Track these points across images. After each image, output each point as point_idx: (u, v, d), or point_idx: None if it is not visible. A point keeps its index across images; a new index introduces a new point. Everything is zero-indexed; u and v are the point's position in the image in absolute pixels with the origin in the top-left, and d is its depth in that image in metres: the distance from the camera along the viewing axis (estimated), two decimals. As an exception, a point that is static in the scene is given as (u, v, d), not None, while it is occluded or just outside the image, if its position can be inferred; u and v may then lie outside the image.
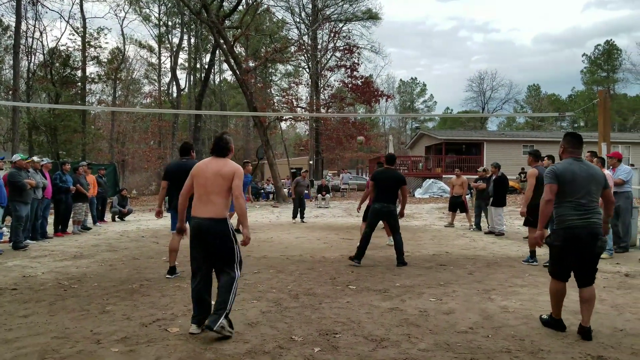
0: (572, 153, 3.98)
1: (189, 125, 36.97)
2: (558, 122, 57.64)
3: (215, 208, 3.83)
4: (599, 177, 3.90)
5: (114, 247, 8.86)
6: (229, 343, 3.65)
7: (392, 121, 66.23)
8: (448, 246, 9.02)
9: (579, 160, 3.91)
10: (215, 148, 4.00)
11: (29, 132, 28.25)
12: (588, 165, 3.93)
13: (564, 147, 4.03)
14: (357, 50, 33.44)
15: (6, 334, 3.85)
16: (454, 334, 3.89)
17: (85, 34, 31.62)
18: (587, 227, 3.75)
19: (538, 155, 7.53)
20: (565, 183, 3.80)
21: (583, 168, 3.87)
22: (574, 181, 3.80)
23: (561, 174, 3.83)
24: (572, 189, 3.80)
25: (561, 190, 3.82)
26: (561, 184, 3.81)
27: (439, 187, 25.25)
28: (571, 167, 3.85)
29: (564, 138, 4.06)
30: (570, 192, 3.80)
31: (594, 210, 3.82)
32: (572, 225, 3.76)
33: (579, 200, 3.79)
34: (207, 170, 3.89)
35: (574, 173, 3.82)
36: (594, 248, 3.78)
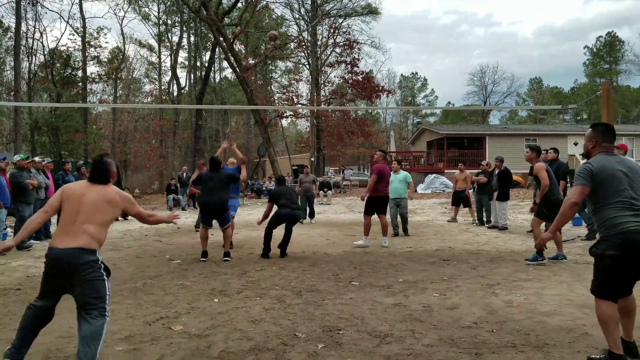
0: (605, 147, 3.36)
1: (190, 124, 36.97)
2: (561, 115, 57.51)
3: (86, 238, 3.18)
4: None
5: (117, 246, 8.87)
6: (232, 340, 3.65)
7: (393, 116, 66.17)
8: (451, 241, 9.00)
9: (614, 155, 3.33)
10: (94, 174, 3.38)
11: (31, 132, 28.28)
12: (624, 159, 3.39)
13: (595, 140, 3.38)
14: (357, 45, 33.30)
15: (11, 334, 3.84)
16: (458, 329, 3.88)
17: (85, 34, 31.58)
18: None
19: (539, 150, 7.31)
20: (605, 182, 3.20)
21: (623, 162, 3.30)
22: (618, 177, 3.19)
23: (599, 172, 3.21)
24: (616, 187, 3.18)
25: (602, 191, 3.21)
26: (599, 184, 3.22)
27: (441, 182, 25.21)
28: (609, 163, 3.24)
29: (594, 130, 3.43)
30: (614, 192, 3.18)
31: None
32: (630, 230, 3.08)
33: (629, 200, 3.16)
34: (85, 196, 3.27)
35: (614, 169, 3.22)
36: None
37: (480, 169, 11.98)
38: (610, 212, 3.17)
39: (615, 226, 3.12)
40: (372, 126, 46.11)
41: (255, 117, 24.14)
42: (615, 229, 3.12)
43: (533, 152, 7.11)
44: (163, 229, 11.64)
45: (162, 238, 9.99)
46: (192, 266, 6.72)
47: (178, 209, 17.65)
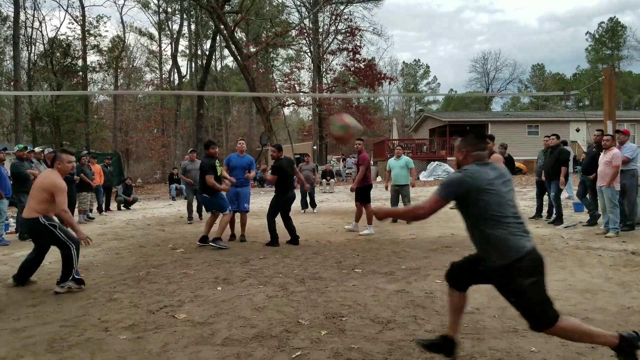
0: (477, 157, 2.92)
1: (192, 113, 36.88)
2: (563, 102, 57.16)
3: (27, 210, 4.95)
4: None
5: (120, 235, 8.90)
6: (236, 328, 3.67)
7: (395, 104, 65.88)
8: (454, 228, 8.99)
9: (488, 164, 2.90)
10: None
11: (32, 122, 28.26)
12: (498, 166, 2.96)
13: (466, 150, 2.95)
14: (359, 32, 33.12)
15: (15, 324, 3.88)
16: (461, 315, 3.88)
17: (84, 22, 31.40)
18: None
19: (493, 138, 6.86)
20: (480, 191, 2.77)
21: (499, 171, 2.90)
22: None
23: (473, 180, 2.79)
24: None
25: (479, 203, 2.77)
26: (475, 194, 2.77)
27: (443, 170, 25.16)
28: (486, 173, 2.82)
29: (462, 140, 3.02)
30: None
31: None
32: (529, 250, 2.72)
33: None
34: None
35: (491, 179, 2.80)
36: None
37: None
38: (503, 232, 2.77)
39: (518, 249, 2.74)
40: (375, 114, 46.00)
41: (257, 105, 24.09)
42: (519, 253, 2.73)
43: (491, 141, 6.62)
44: (166, 218, 11.67)
45: (165, 227, 10.02)
46: (195, 255, 6.74)
47: (181, 198, 17.67)
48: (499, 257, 2.75)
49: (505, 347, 3.21)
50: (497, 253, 2.75)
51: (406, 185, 10.04)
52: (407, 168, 10.07)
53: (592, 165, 8.26)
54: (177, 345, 3.35)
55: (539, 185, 9.87)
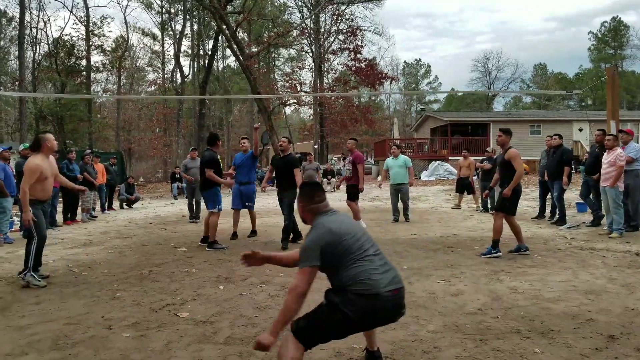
0: (319, 208, 2.76)
1: (194, 112, 36.91)
2: (565, 101, 57.07)
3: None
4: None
5: (122, 234, 8.92)
6: (238, 327, 3.67)
7: (396, 104, 65.85)
8: (455, 228, 9.00)
9: (333, 212, 2.76)
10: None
11: (36, 122, 28.32)
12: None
13: (303, 204, 2.81)
14: (361, 32, 33.13)
15: (19, 321, 3.89)
16: (463, 316, 3.89)
17: (88, 23, 31.44)
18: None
19: (511, 133, 6.55)
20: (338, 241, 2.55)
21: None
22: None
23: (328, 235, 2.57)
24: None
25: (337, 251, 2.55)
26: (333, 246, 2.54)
27: (445, 169, 25.14)
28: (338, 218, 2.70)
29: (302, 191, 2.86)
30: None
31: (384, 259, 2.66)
32: (377, 294, 2.46)
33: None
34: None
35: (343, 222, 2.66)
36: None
37: (486, 155, 11.93)
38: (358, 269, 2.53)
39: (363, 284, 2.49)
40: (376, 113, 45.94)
41: (259, 105, 24.08)
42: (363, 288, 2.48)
43: (507, 135, 6.44)
44: (168, 217, 11.69)
45: (167, 226, 10.03)
46: (197, 254, 6.76)
47: (183, 197, 17.68)
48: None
49: (508, 348, 3.21)
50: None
51: (405, 184, 10.06)
52: (405, 167, 10.08)
53: (595, 166, 8.24)
54: (179, 344, 3.36)
55: (541, 186, 9.86)
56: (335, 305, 2.51)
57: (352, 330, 2.60)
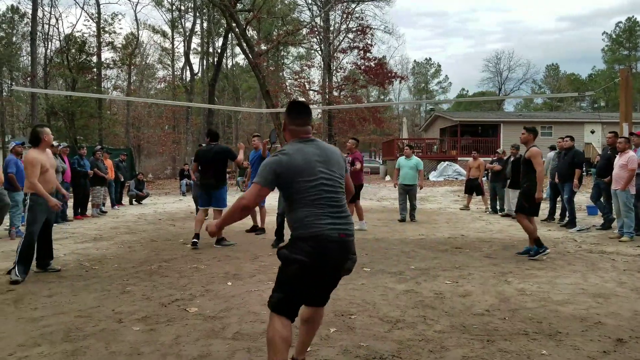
0: (298, 132, 2.67)
1: (203, 109, 37.07)
2: (577, 103, 56.60)
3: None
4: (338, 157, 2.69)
5: (132, 229, 8.99)
6: (246, 323, 3.71)
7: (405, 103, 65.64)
8: (464, 229, 8.98)
9: (311, 141, 2.64)
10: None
11: (47, 117, 28.58)
12: (321, 146, 2.65)
13: (284, 123, 2.74)
14: (370, 31, 32.96)
15: (32, 313, 3.95)
16: (470, 316, 3.89)
17: (99, 20, 31.68)
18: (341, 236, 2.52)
19: (536, 132, 6.43)
20: (296, 173, 2.50)
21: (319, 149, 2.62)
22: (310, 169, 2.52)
23: (288, 163, 2.50)
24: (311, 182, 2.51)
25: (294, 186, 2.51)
26: (290, 178, 2.50)
27: (454, 170, 25.07)
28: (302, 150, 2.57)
29: (285, 111, 2.77)
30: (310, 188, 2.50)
31: (342, 211, 2.58)
32: (321, 234, 2.46)
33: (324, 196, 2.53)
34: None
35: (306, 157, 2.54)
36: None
37: (496, 156, 11.90)
38: (303, 212, 2.50)
39: (308, 227, 2.47)
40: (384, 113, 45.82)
41: (267, 103, 24.14)
42: (307, 231, 2.47)
43: (530, 133, 6.33)
44: (177, 213, 11.77)
45: (176, 222, 10.10)
46: (205, 250, 6.80)
47: (191, 194, 17.77)
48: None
49: (515, 350, 3.21)
50: None
51: (414, 185, 10.04)
52: (416, 169, 10.03)
53: (606, 168, 8.19)
54: (188, 338, 3.39)
55: (552, 188, 9.81)
56: (287, 258, 2.51)
57: (316, 281, 2.54)
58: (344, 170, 2.69)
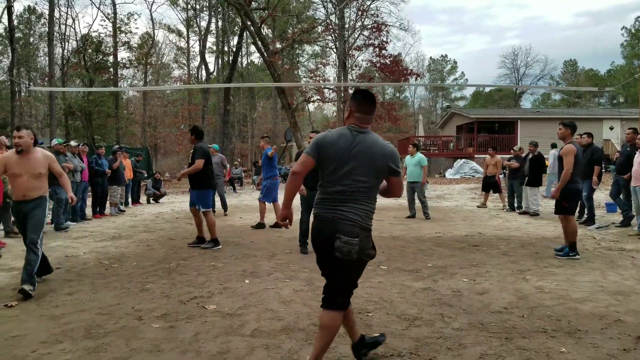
0: (358, 119, 2.78)
1: (218, 109, 37.29)
2: (596, 99, 55.70)
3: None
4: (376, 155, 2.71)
5: (150, 228, 9.10)
6: (264, 320, 3.74)
7: (421, 100, 65.25)
8: (481, 227, 8.92)
9: (362, 132, 2.74)
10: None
11: (65, 117, 29.04)
12: (368, 139, 2.72)
13: (350, 109, 2.83)
14: (386, 28, 32.84)
15: (53, 310, 4.03)
16: (488, 314, 3.87)
17: (115, 19, 32.06)
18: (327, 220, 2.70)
19: (574, 127, 6.22)
20: (328, 156, 2.71)
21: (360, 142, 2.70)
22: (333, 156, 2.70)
23: (328, 141, 2.72)
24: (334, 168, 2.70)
25: (322, 165, 2.75)
26: (324, 156, 2.71)
27: (470, 167, 24.86)
28: (345, 136, 2.72)
29: (351, 98, 2.88)
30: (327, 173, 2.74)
31: (349, 201, 2.70)
32: (318, 215, 2.77)
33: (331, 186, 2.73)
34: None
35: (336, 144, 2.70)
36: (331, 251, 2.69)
37: (513, 153, 11.78)
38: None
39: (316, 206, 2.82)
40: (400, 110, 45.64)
41: (282, 101, 24.21)
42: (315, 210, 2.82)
43: (567, 128, 6.12)
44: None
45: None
46: (222, 248, 6.86)
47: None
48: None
49: (534, 347, 3.19)
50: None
51: (418, 182, 9.99)
52: (419, 166, 9.99)
53: (626, 165, 8.06)
54: (208, 335, 3.43)
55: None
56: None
57: (322, 260, 2.82)
58: (378, 172, 2.74)
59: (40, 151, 4.77)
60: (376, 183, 2.77)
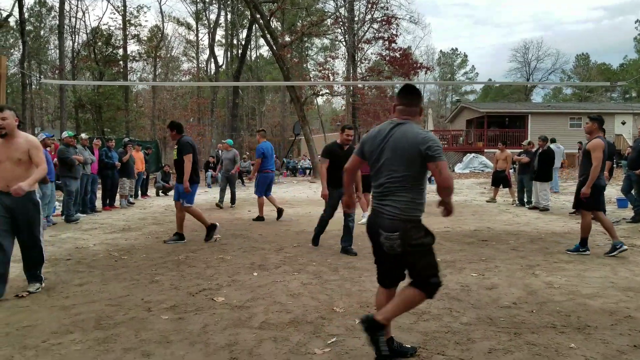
0: (398, 111, 2.88)
1: (227, 102, 37.35)
2: (608, 93, 55.03)
3: None
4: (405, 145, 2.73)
5: (159, 220, 9.16)
6: (272, 313, 3.75)
7: (431, 94, 64.89)
8: (490, 222, 8.87)
9: (399, 124, 2.81)
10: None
11: (75, 110, 29.24)
12: (402, 130, 2.78)
13: (394, 103, 2.95)
14: (396, 21, 32.64)
15: (64, 301, 4.07)
16: (497, 309, 3.86)
17: (125, 12, 32.15)
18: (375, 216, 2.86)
19: (602, 121, 6.02)
20: (368, 150, 2.90)
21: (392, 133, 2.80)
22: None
23: (367, 137, 2.92)
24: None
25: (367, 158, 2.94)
26: (366, 151, 2.91)
27: (480, 162, 24.74)
28: (382, 130, 2.86)
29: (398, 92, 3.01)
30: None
31: (388, 195, 2.79)
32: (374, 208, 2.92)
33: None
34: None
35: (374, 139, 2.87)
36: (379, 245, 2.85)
37: (523, 148, 11.69)
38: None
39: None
40: (409, 104, 45.30)
41: (291, 95, 24.19)
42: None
43: (594, 122, 5.91)
44: (202, 205, 11.91)
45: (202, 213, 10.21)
46: (230, 241, 6.89)
47: (216, 186, 18.00)
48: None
49: (543, 342, 3.17)
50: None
51: None
52: None
53: (638, 160, 7.98)
54: (216, 327, 3.45)
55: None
56: None
57: (375, 251, 2.99)
58: (411, 160, 2.71)
59: (23, 136, 4.24)
60: (415, 173, 2.74)
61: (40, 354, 3.00)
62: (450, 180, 2.75)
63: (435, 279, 2.83)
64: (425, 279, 2.82)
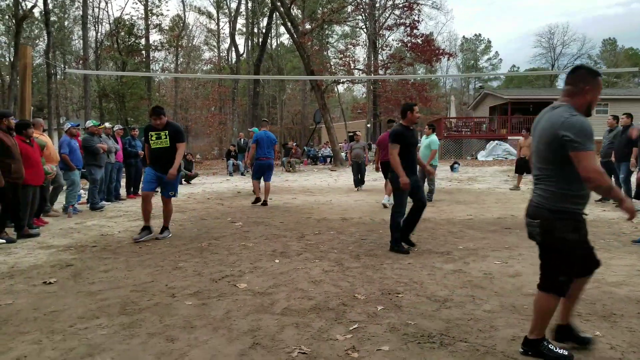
0: (562, 93, 2.79)
1: (248, 90, 37.44)
2: (636, 79, 53.48)
3: None
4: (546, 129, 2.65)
5: (182, 208, 9.27)
6: (294, 299, 3.77)
7: (453, 81, 63.99)
8: (514, 209, 8.75)
9: (552, 109, 2.73)
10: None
11: (99, 99, 29.68)
12: (551, 112, 2.70)
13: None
14: (418, 7, 32.17)
15: (90, 287, 4.17)
16: (521, 297, 3.81)
17: (147, 2, 32.38)
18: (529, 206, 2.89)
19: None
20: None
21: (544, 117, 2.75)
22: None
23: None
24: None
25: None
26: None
27: (504, 149, 24.34)
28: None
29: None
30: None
31: (538, 183, 2.80)
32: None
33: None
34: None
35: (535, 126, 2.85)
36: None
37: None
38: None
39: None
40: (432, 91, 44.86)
41: (312, 83, 24.12)
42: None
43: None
44: (224, 193, 12.03)
45: (224, 201, 10.33)
46: (252, 229, 6.94)
47: (237, 174, 18.15)
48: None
49: (567, 331, 3.12)
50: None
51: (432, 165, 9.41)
52: (429, 148, 9.50)
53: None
54: (239, 313, 3.49)
55: (605, 167, 9.37)
56: None
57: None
58: (552, 145, 2.57)
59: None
60: (561, 160, 2.54)
61: (67, 338, 3.08)
62: (591, 172, 2.43)
63: (562, 278, 2.79)
64: (546, 278, 2.86)
